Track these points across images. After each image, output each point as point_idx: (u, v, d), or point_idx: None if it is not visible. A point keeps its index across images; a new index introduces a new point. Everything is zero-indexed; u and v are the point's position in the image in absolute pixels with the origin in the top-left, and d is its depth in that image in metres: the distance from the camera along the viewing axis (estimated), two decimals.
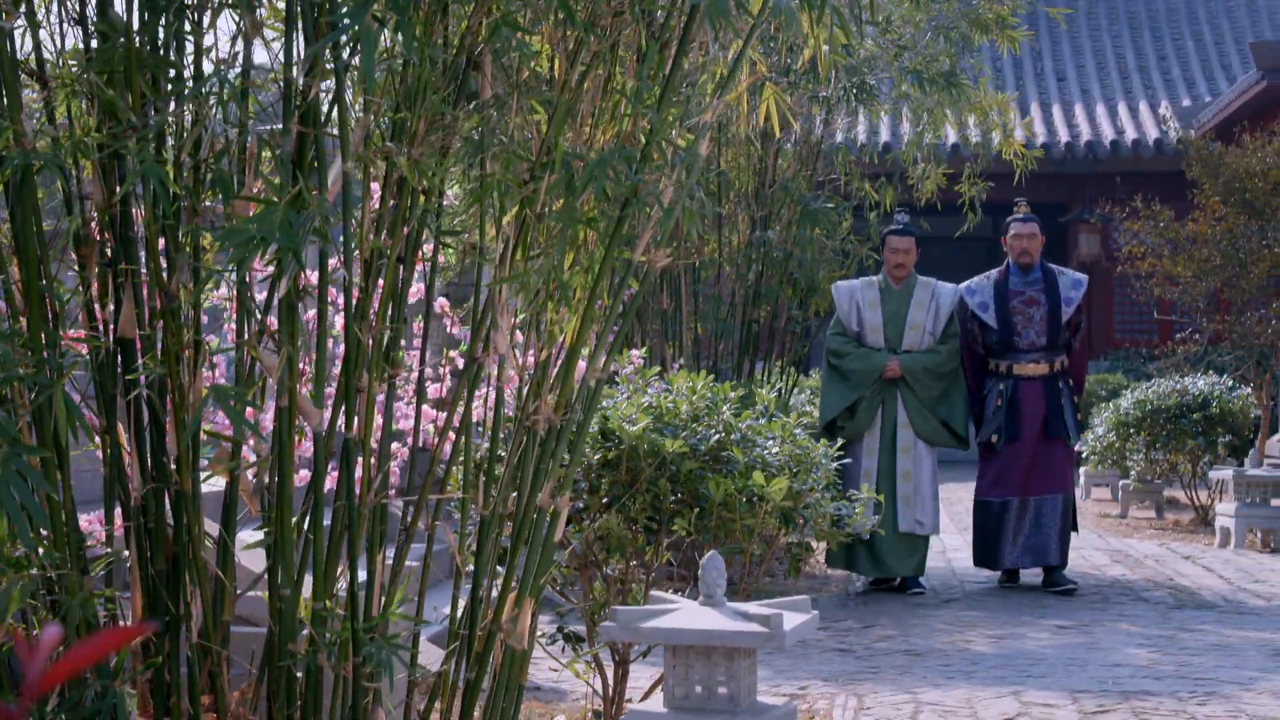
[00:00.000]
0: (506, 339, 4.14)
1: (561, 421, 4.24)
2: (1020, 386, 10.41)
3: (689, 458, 5.92)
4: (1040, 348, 10.44)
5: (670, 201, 4.24)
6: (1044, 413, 10.36)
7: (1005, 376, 10.46)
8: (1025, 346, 10.45)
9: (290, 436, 3.96)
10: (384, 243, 3.98)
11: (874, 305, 10.38)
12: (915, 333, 10.34)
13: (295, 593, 4.05)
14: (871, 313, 10.37)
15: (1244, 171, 13.93)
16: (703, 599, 4.80)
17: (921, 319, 10.35)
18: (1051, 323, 10.43)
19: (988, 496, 10.48)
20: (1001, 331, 10.46)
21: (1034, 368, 10.42)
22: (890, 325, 10.35)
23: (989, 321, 10.50)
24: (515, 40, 3.82)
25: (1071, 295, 10.51)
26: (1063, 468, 10.48)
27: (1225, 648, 8.04)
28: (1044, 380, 10.42)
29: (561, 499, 4.42)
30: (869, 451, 10.33)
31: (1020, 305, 10.48)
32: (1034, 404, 10.38)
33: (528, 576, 4.33)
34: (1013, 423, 10.36)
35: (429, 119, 3.91)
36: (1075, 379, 10.60)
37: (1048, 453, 10.39)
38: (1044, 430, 10.36)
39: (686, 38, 4.06)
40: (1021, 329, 10.45)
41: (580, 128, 4.39)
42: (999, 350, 10.51)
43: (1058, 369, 10.47)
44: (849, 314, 10.43)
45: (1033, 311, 10.45)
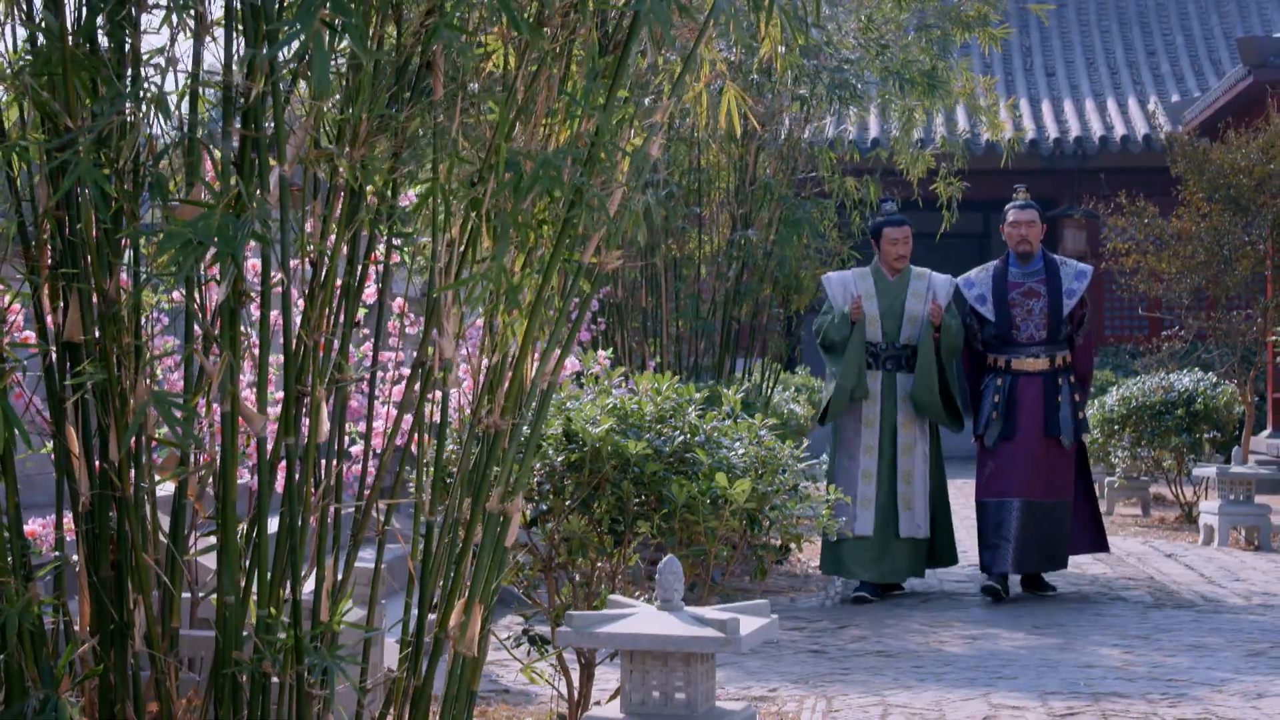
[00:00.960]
0: (452, 343, 4.09)
1: (510, 426, 4.19)
2: (1019, 382, 9.94)
3: (652, 460, 5.87)
4: (1040, 342, 9.96)
5: (618, 204, 4.20)
6: (1044, 410, 9.88)
7: (1004, 372, 10.00)
8: (1024, 340, 9.98)
9: (233, 442, 3.92)
10: (328, 246, 3.94)
11: (869, 297, 9.98)
12: (913, 325, 9.94)
13: (240, 600, 4.01)
14: (868, 305, 9.96)
15: (1228, 168, 13.89)
16: (660, 603, 4.77)
17: (919, 310, 9.93)
18: (1052, 316, 9.95)
19: (985, 498, 9.98)
20: (999, 325, 10.00)
21: (1033, 363, 9.94)
22: (888, 317, 9.96)
23: (986, 314, 10.04)
24: (459, 42, 3.77)
25: (1074, 287, 10.03)
26: (1067, 469, 9.98)
27: (1200, 648, 8.01)
28: (1044, 376, 9.93)
29: (512, 504, 4.37)
30: (867, 450, 9.90)
31: (1019, 297, 10.02)
32: (1033, 401, 9.89)
33: (477, 583, 4.29)
34: (1010, 420, 9.90)
35: (372, 121, 3.87)
36: (1079, 375, 10.11)
37: (1050, 453, 9.87)
38: (1044, 428, 9.87)
39: (633, 38, 4.01)
40: (1020, 322, 9.99)
41: (535, 129, 4.35)
42: (997, 344, 10.05)
43: (1059, 364, 9.97)
44: (843, 305, 9.97)
45: (1032, 304, 9.99)
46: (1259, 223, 14.15)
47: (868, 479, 9.85)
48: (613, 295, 11.31)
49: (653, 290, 11.56)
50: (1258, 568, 11.38)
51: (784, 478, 6.18)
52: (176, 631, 4.19)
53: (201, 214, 3.61)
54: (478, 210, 4.08)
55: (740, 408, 9.81)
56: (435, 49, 4.06)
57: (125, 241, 3.91)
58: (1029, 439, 9.86)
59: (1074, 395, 9.96)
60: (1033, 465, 9.83)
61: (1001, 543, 9.77)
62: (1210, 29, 26.98)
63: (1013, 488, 9.81)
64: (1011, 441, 9.88)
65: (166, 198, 3.77)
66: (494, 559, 4.39)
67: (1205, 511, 13.09)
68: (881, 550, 9.78)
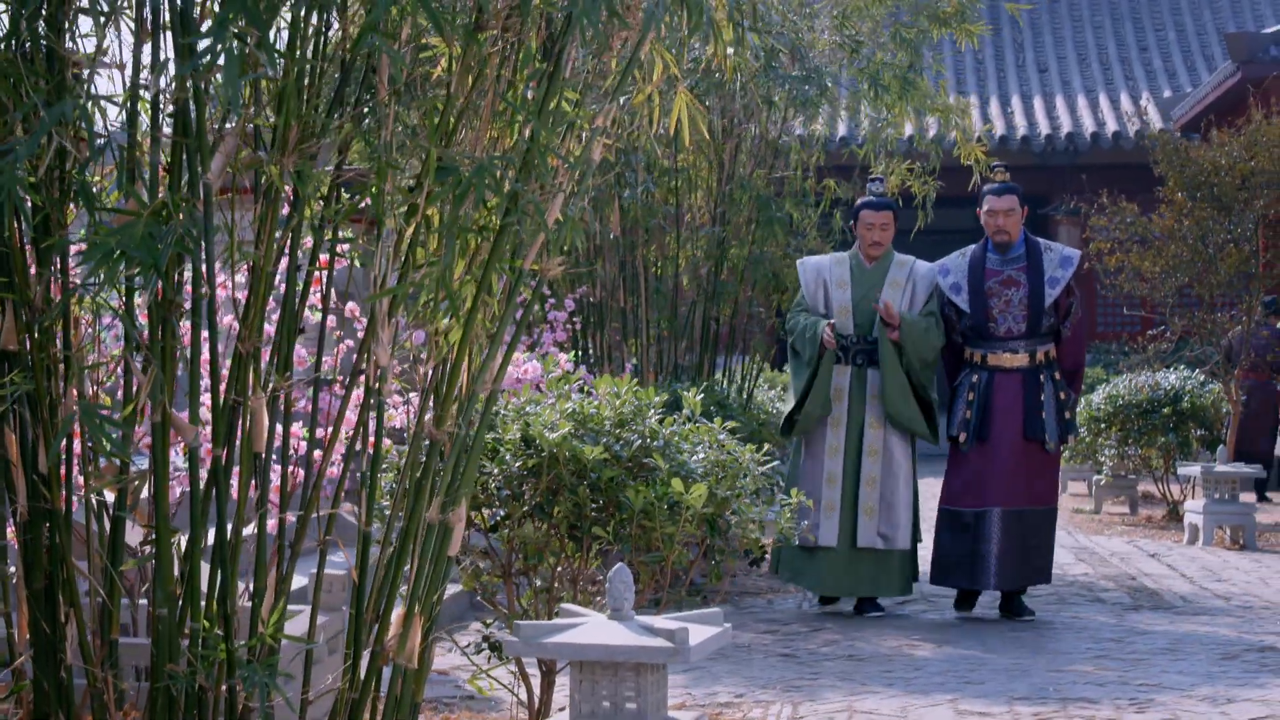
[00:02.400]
0: (388, 352, 4.04)
1: (447, 435, 4.14)
2: (996, 380, 9.09)
3: (610, 465, 5.82)
4: (1019, 335, 9.08)
5: (559, 209, 4.15)
6: (1022, 410, 9.02)
7: (979, 367, 9.14)
8: (1002, 334, 9.10)
9: (165, 453, 3.87)
10: (259, 254, 3.89)
11: (843, 285, 9.23)
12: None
13: (173, 612, 3.96)
14: (840, 293, 9.21)
15: (1210, 166, 13.83)
16: (610, 613, 4.72)
17: (896, 300, 9.11)
18: (1033, 307, 9.06)
19: (957, 505, 9.11)
20: (975, 316, 9.13)
21: (1012, 358, 9.08)
22: (860, 308, 9.16)
23: (961, 305, 9.19)
24: (389, 48, 3.71)
25: (1058, 275, 9.12)
26: (1050, 474, 9.24)
27: (1174, 651, 7.95)
28: (1024, 373, 9.06)
29: (454, 514, 4.33)
30: (832, 451, 9.11)
31: (997, 286, 9.14)
32: (1011, 399, 9.04)
33: (415, 593, 4.24)
34: (985, 420, 9.04)
35: (303, 127, 3.81)
36: (1067, 372, 9.25)
37: (1030, 457, 9.05)
38: (1024, 430, 9.02)
39: (567, 42, 3.95)
40: (998, 314, 9.11)
41: (480, 134, 4.29)
42: (973, 338, 9.20)
43: (1041, 360, 9.10)
44: (815, 294, 9.28)
45: (1011, 294, 9.12)
46: (1243, 221, 14.09)
47: (832, 483, 9.11)
48: (590, 295, 11.25)
49: (632, 290, 11.51)
50: (1240, 568, 11.32)
51: (745, 482, 6.13)
52: (115, 643, 4.15)
53: (127, 223, 3.57)
54: (414, 216, 4.03)
55: (718, 408, 9.87)
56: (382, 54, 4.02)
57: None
58: (1006, 442, 9.03)
59: (1059, 394, 9.12)
60: (1011, 471, 9.01)
61: (978, 558, 8.95)
62: (1203, 24, 26.93)
63: (990, 496, 9.00)
64: (987, 444, 9.06)
65: (93, 206, 3.72)
66: (435, 570, 4.34)
67: (1190, 510, 13.05)
68: (843, 561, 9.06)
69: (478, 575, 6.12)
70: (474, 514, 6.03)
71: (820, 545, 9.02)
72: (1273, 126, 13.82)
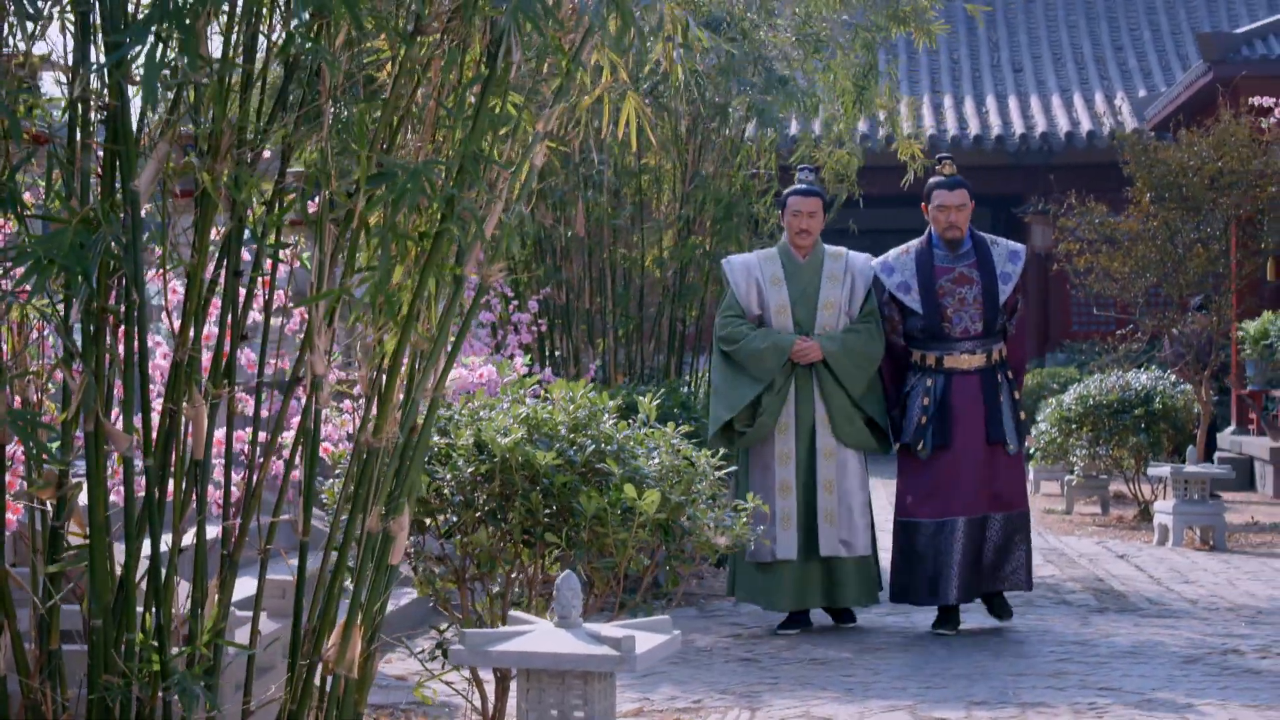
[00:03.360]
0: (324, 360, 4.00)
1: (384, 443, 4.10)
2: (953, 383, 8.57)
3: (563, 470, 5.78)
4: (976, 335, 8.60)
5: (498, 215, 4.11)
6: (984, 413, 8.57)
7: (934, 371, 8.61)
8: (958, 334, 8.60)
9: (99, 461, 3.83)
10: (192, 261, 3.85)
11: (777, 282, 8.64)
12: (830, 312, 8.61)
13: (109, 622, 3.92)
14: (775, 291, 8.62)
15: (1178, 166, 13.83)
16: (557, 620, 4.68)
17: (836, 296, 8.62)
18: (988, 305, 8.62)
19: (917, 516, 8.58)
20: (929, 317, 8.60)
21: (969, 359, 8.60)
22: (800, 305, 8.59)
23: (912, 305, 8.64)
24: (325, 52, 3.67)
25: (1008, 270, 8.71)
26: (1017, 477, 8.84)
27: (1137, 654, 7.93)
28: (981, 374, 8.62)
29: (395, 522, 4.29)
30: (783, 458, 8.52)
31: (949, 285, 8.64)
32: (971, 402, 8.56)
33: (355, 603, 4.19)
34: (945, 426, 8.52)
35: (239, 132, 3.77)
36: (1013, 366, 8.84)
37: (995, 461, 8.61)
38: (986, 434, 8.57)
39: (501, 45, 3.91)
40: (953, 314, 8.61)
41: (424, 138, 4.25)
42: (925, 340, 8.65)
43: (996, 360, 8.67)
44: (747, 294, 8.66)
45: (965, 292, 8.63)
46: (1212, 221, 14.08)
47: (786, 491, 8.50)
48: (556, 297, 11.22)
49: (599, 290, 11.48)
50: (1208, 569, 11.31)
51: (701, 487, 6.09)
52: (55, 652, 4.10)
53: (56, 230, 3.53)
54: (351, 222, 3.99)
55: (682, 410, 9.83)
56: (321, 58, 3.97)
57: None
58: (970, 447, 8.55)
59: (1013, 393, 8.74)
60: (976, 477, 8.54)
61: (944, 570, 8.45)
62: (1178, 23, 26.96)
63: (954, 505, 8.50)
64: (948, 451, 8.53)
65: (20, 211, 3.68)
66: (376, 578, 4.30)
67: (1160, 511, 13.03)
68: (803, 574, 8.51)
69: (432, 581, 6.08)
70: (428, 519, 6.01)
71: (779, 559, 8.46)
72: (1241, 126, 13.82)
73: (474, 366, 6.62)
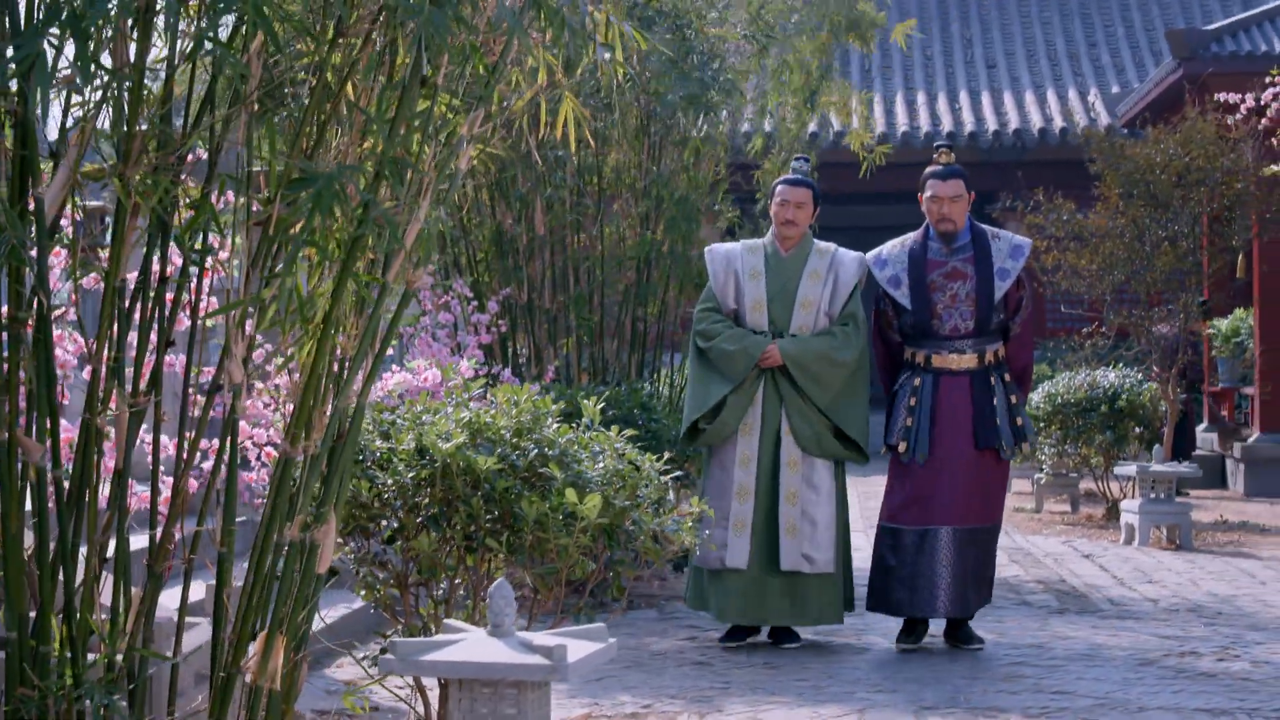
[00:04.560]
0: (240, 367, 3.93)
1: (303, 451, 4.03)
2: (942, 383, 8.17)
3: (505, 475, 5.72)
4: (967, 334, 8.18)
5: (421, 220, 4.05)
6: (973, 417, 8.13)
7: (923, 369, 8.22)
8: (948, 332, 8.19)
9: (10, 472, 3.76)
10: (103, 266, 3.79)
11: (756, 275, 8.20)
12: (807, 311, 8.16)
13: (24, 634, 3.86)
14: (753, 285, 8.19)
15: (1145, 163, 13.79)
16: (490, 629, 4.63)
17: (815, 294, 8.17)
18: (982, 301, 8.15)
19: (900, 523, 8.18)
20: (918, 313, 8.21)
21: (959, 359, 8.18)
22: (776, 302, 8.17)
23: (901, 300, 8.25)
24: (229, 56, 3.60)
25: (1008, 266, 8.23)
26: (1001, 487, 8.47)
27: (1093, 656, 7.89)
28: (972, 375, 8.18)
29: (319, 531, 4.22)
30: (743, 461, 8.08)
31: (941, 279, 8.21)
32: (959, 405, 8.15)
33: (278, 614, 4.13)
34: (930, 429, 8.13)
35: (146, 138, 3.70)
36: (1015, 373, 8.35)
37: (983, 469, 8.18)
38: (975, 439, 8.14)
39: (421, 50, 3.84)
40: (943, 310, 8.19)
41: (354, 142, 4.19)
42: (915, 337, 8.28)
43: (990, 361, 8.21)
44: (724, 286, 8.26)
45: (957, 287, 8.19)
46: (1180, 218, 14.05)
47: (743, 496, 8.07)
48: (517, 296, 11.15)
49: (561, 289, 11.40)
50: (1173, 569, 11.27)
51: (647, 491, 6.04)
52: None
53: None
54: (269, 228, 3.93)
55: (642, 411, 9.76)
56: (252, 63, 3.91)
57: None
58: (956, 453, 8.12)
59: (1010, 397, 8.23)
60: (963, 485, 8.12)
61: (924, 582, 8.05)
62: (1151, 19, 26.94)
63: (938, 514, 8.10)
64: (933, 456, 8.13)
65: None
66: (301, 588, 4.23)
67: (1126, 510, 13.00)
68: (758, 587, 8.05)
69: (372, 586, 6.02)
70: (371, 524, 5.95)
71: (727, 567, 8.04)
72: (1208, 124, 13.79)
73: (420, 370, 6.55)
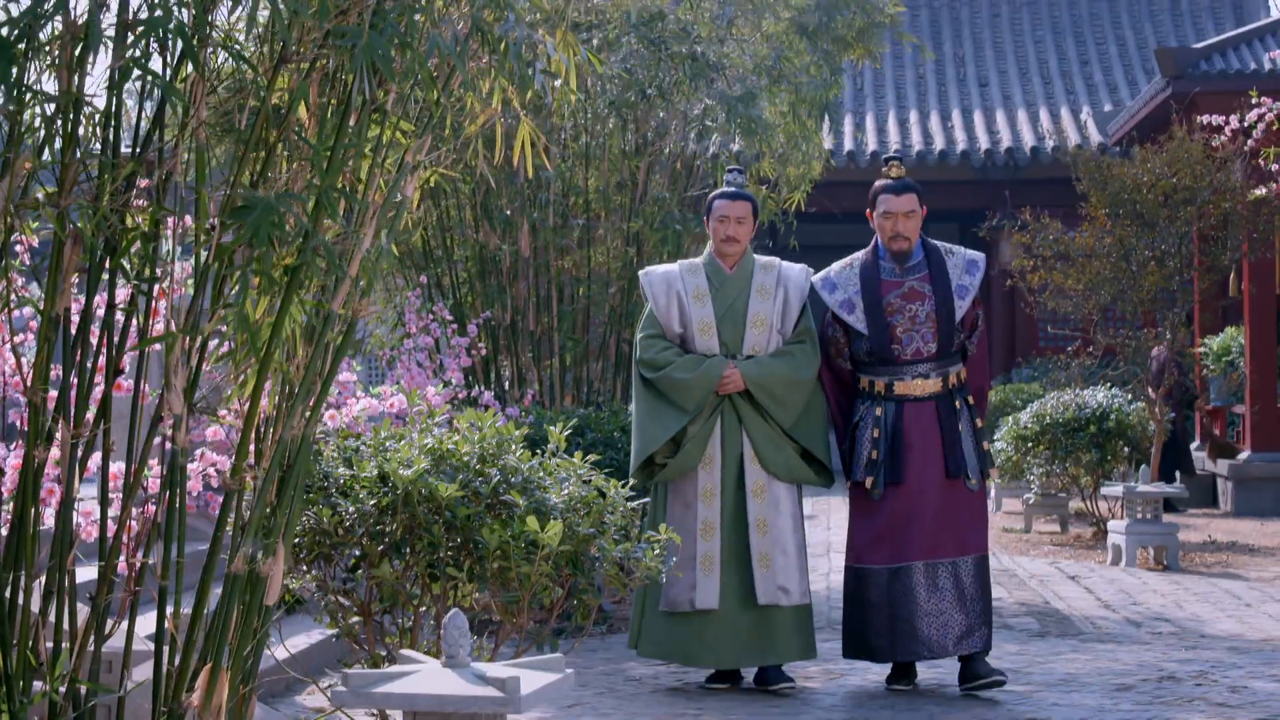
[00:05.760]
0: (180, 399, 3.88)
1: (242, 484, 3.99)
2: (906, 411, 7.62)
3: (468, 502, 5.68)
4: (930, 357, 7.64)
5: (365, 248, 4.01)
6: (941, 444, 7.61)
7: (884, 398, 7.65)
8: (910, 357, 7.64)
9: None
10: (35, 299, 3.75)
11: (701, 297, 7.65)
12: (759, 330, 7.64)
13: None
14: (699, 307, 7.63)
15: (1132, 183, 13.75)
16: (445, 660, 4.58)
17: (766, 312, 7.65)
18: (942, 322, 7.63)
19: (866, 562, 7.61)
20: (876, 339, 7.64)
21: (923, 384, 7.64)
22: (726, 322, 7.64)
23: (856, 326, 7.69)
24: (165, 82, 3.56)
25: (965, 282, 7.72)
26: (979, 515, 7.79)
27: (1071, 681, 7.83)
28: (938, 400, 7.66)
29: (267, 564, 4.17)
30: (705, 495, 7.52)
31: (898, 301, 7.67)
32: (925, 433, 7.62)
33: (221, 648, 4.08)
34: (897, 460, 7.58)
35: (76, 168, 3.67)
36: (974, 392, 7.83)
37: (953, 498, 7.63)
38: (945, 468, 7.61)
39: (362, 76, 3.80)
40: (903, 334, 7.63)
41: (301, 170, 4.15)
42: (873, 364, 7.70)
43: (954, 384, 7.71)
44: (667, 310, 7.67)
45: (916, 308, 7.64)
46: (1167, 238, 14.01)
47: (709, 533, 7.52)
48: (498, 318, 11.11)
49: (545, 311, 11.38)
50: (1158, 590, 11.22)
51: (613, 518, 5.99)
52: None
53: None
54: (210, 256, 3.89)
55: (622, 434, 9.71)
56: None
57: None
58: (927, 483, 7.59)
59: (974, 421, 7.74)
60: (935, 516, 7.57)
61: (899, 623, 7.53)
62: (1144, 38, 26.92)
63: (911, 549, 7.54)
64: (902, 488, 7.58)
65: None
66: (247, 621, 4.19)
67: (1113, 531, 12.95)
68: (731, 626, 7.50)
69: (334, 614, 5.97)
70: (334, 552, 5.90)
71: (698, 609, 7.48)
72: (1195, 145, 13.75)
73: (386, 395, 6.51)
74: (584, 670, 8.10)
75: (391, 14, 3.52)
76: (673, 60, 10.60)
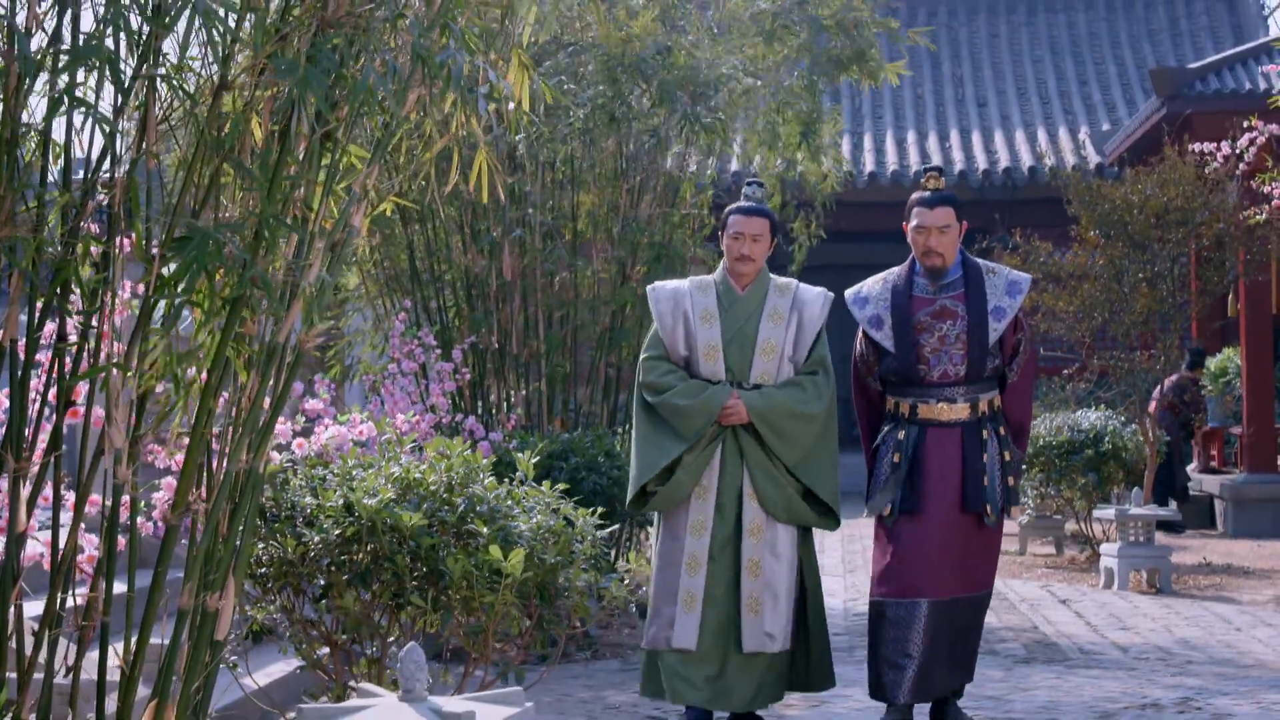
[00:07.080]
0: (122, 432, 3.83)
1: (184, 520, 3.94)
2: (928, 436, 7.14)
3: (431, 531, 5.63)
4: (958, 380, 7.12)
5: (311, 278, 3.96)
6: (962, 475, 7.08)
7: (907, 421, 7.20)
8: (937, 379, 7.14)
9: None
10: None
11: (708, 318, 7.13)
12: (768, 358, 7.10)
13: None
14: (706, 329, 7.11)
15: (1123, 204, 13.69)
16: (401, 694, 4.54)
17: (778, 338, 7.11)
18: (974, 345, 7.08)
19: (881, 596, 7.12)
20: (902, 357, 7.17)
21: (948, 409, 7.12)
22: (733, 347, 7.11)
23: (883, 343, 7.24)
24: (96, 111, 3.52)
25: (1004, 304, 7.17)
26: (990, 553, 7.33)
27: (1052, 708, 7.76)
28: (963, 427, 7.12)
29: (214, 597, 4.12)
30: (695, 529, 6.99)
31: (928, 320, 7.19)
32: (946, 462, 7.10)
33: (166, 682, 4.03)
34: (915, 488, 7.10)
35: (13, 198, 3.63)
36: (1012, 427, 7.28)
37: (967, 534, 7.12)
38: (962, 501, 7.07)
39: (301, 107, 3.76)
40: (930, 354, 7.14)
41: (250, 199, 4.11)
42: (900, 384, 7.25)
43: (984, 411, 7.16)
44: (673, 330, 7.16)
45: (946, 328, 7.14)
46: (1159, 259, 13.95)
47: (694, 569, 6.99)
48: (485, 341, 11.06)
49: (533, 335, 11.32)
50: (1149, 614, 11.14)
51: (582, 547, 5.95)
52: None
53: None
54: (150, 285, 3.84)
55: (606, 459, 9.66)
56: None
57: None
58: (939, 515, 7.07)
59: (1003, 454, 7.16)
60: (944, 551, 7.06)
61: (903, 660, 7.00)
62: (1143, 58, 26.87)
63: (920, 583, 7.03)
64: (916, 518, 7.10)
65: None
66: (195, 656, 4.13)
67: (1105, 554, 12.88)
68: (716, 668, 6.97)
69: (299, 644, 5.93)
70: (300, 582, 5.86)
71: (673, 648, 6.96)
72: (1187, 166, 13.69)
73: (354, 423, 6.45)
74: (564, 698, 8.06)
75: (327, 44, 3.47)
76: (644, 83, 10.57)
